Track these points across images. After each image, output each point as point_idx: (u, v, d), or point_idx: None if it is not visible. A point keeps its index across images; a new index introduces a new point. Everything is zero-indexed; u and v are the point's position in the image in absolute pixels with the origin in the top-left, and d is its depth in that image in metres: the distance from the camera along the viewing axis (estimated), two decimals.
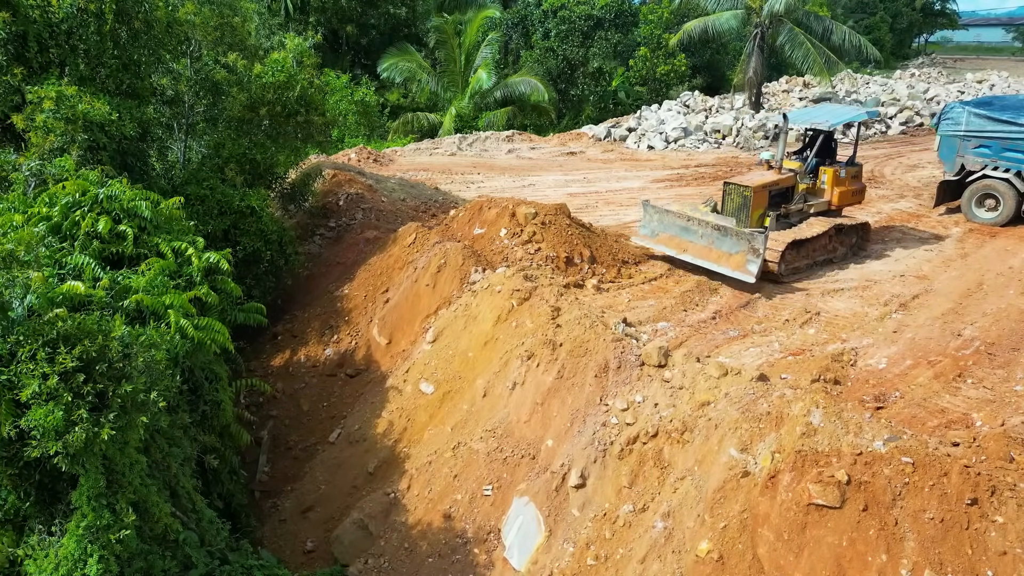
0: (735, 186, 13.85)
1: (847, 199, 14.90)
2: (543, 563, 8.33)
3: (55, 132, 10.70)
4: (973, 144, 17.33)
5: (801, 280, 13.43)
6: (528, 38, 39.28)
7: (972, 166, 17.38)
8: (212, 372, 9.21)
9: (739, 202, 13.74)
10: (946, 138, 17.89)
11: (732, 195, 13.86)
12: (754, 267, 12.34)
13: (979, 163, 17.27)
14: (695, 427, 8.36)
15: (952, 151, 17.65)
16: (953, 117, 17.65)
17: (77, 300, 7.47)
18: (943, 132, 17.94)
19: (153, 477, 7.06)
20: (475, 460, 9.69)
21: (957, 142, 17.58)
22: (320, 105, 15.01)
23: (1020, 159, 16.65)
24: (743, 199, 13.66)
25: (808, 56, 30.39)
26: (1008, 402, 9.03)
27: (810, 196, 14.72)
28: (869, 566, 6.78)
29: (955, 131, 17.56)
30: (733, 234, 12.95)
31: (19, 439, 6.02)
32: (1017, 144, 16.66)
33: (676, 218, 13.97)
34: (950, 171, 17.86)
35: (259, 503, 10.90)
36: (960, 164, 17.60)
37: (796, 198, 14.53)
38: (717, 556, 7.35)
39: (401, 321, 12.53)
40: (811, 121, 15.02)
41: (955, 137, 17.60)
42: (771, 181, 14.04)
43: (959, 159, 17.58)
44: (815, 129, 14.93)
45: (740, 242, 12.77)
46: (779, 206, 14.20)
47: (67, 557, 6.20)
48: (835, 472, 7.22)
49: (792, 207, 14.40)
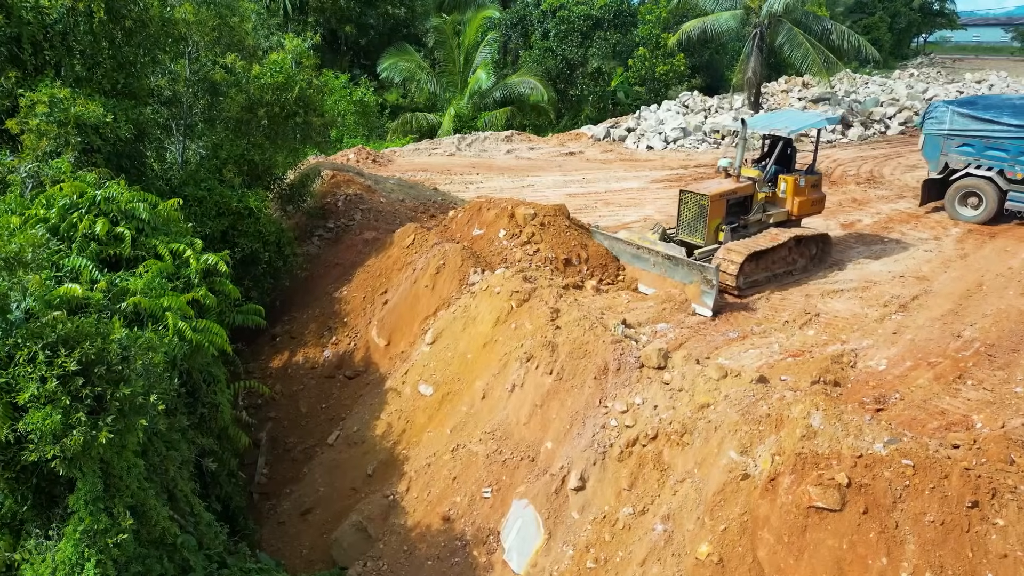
0: (692, 194, 13.21)
1: (806, 209, 14.21)
2: (542, 566, 8.31)
3: (49, 135, 10.66)
4: (957, 143, 17.65)
5: (762, 294, 12.71)
6: (527, 38, 39.27)
7: (956, 165, 17.72)
8: (210, 374, 9.18)
9: (696, 211, 13.13)
10: (930, 137, 18.22)
11: (688, 203, 13.24)
12: (709, 300, 11.65)
13: (962, 162, 17.60)
14: (695, 429, 8.34)
15: (936, 150, 17.96)
16: (937, 116, 17.95)
17: (75, 303, 7.43)
18: (927, 131, 18.30)
19: (151, 480, 7.03)
20: (474, 462, 9.66)
21: (941, 141, 17.90)
22: (319, 106, 14.97)
23: (1002, 157, 16.98)
24: (700, 208, 13.04)
25: (807, 56, 30.38)
26: (1008, 404, 9.01)
27: (769, 206, 14.01)
28: (869, 569, 6.76)
29: (939, 130, 17.88)
30: (684, 264, 12.41)
31: (16, 443, 5.98)
32: (999, 143, 16.97)
33: (625, 246, 13.44)
34: (934, 170, 18.20)
35: (258, 505, 10.87)
36: (944, 163, 17.92)
37: (755, 208, 13.80)
38: (717, 559, 7.34)
39: (400, 322, 12.51)
40: (770, 127, 14.21)
41: (939, 136, 17.94)
42: (729, 189, 13.35)
43: (943, 158, 17.90)
44: (774, 136, 14.18)
45: (692, 273, 12.14)
46: (738, 216, 13.61)
47: (64, 561, 6.17)
48: (835, 475, 7.20)
49: (751, 218, 13.74)
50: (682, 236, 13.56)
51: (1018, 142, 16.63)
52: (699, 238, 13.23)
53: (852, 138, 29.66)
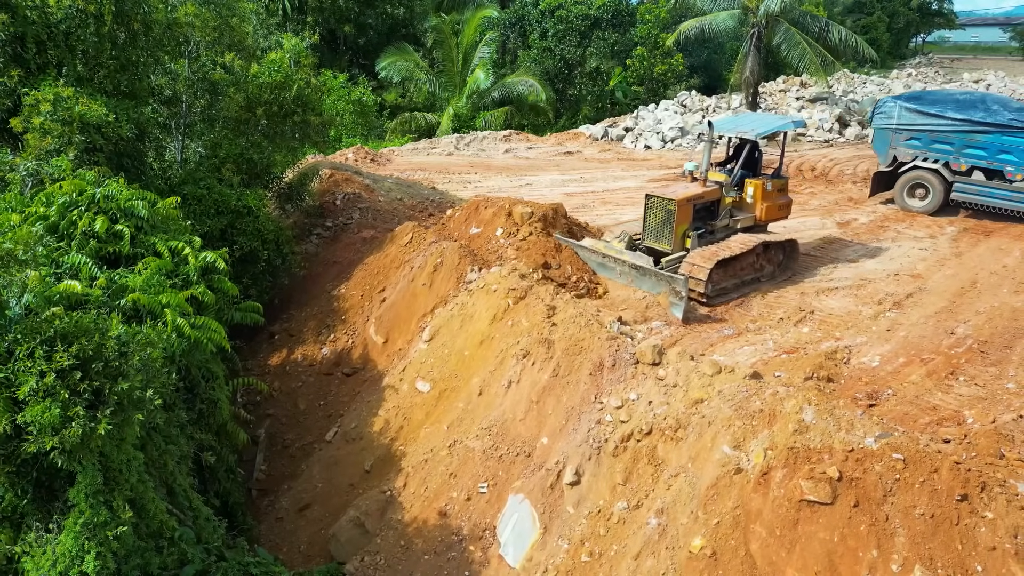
0: (658, 199, 12.74)
1: (773, 214, 13.93)
2: (538, 560, 8.39)
3: (52, 134, 10.74)
4: (904, 137, 18.36)
5: (730, 302, 12.42)
6: (526, 38, 39.34)
7: (904, 158, 18.47)
8: (209, 371, 9.25)
9: (662, 217, 12.72)
10: (879, 131, 18.89)
11: (655, 209, 12.79)
12: (679, 311, 11.42)
13: (910, 155, 18.34)
14: (689, 424, 8.42)
15: (885, 144, 18.65)
16: (886, 111, 18.61)
17: (74, 299, 7.50)
18: (877, 126, 18.96)
19: (149, 474, 7.11)
20: (471, 458, 9.74)
21: (890, 135, 18.57)
22: (317, 105, 15.04)
23: (947, 150, 17.74)
24: (666, 213, 12.63)
25: (804, 56, 30.47)
26: (1000, 399, 9.10)
27: (735, 210, 13.68)
28: (860, 561, 6.84)
29: (888, 125, 18.55)
30: (652, 275, 12.06)
31: (16, 436, 6.06)
32: (944, 136, 17.70)
33: (591, 255, 13.04)
34: (884, 163, 18.88)
35: (256, 502, 10.94)
36: (893, 156, 18.62)
37: (722, 213, 13.43)
38: (710, 552, 7.41)
39: (398, 320, 12.58)
40: (737, 130, 13.79)
41: (888, 130, 18.59)
42: (696, 194, 12.92)
43: (892, 151, 18.60)
44: (741, 139, 13.87)
45: (660, 284, 11.85)
46: (705, 221, 13.23)
47: (64, 554, 6.25)
48: (827, 469, 7.28)
49: (718, 223, 13.35)
50: (648, 243, 13.11)
51: (962, 135, 17.42)
52: (666, 244, 12.80)
53: (849, 137, 29.75)
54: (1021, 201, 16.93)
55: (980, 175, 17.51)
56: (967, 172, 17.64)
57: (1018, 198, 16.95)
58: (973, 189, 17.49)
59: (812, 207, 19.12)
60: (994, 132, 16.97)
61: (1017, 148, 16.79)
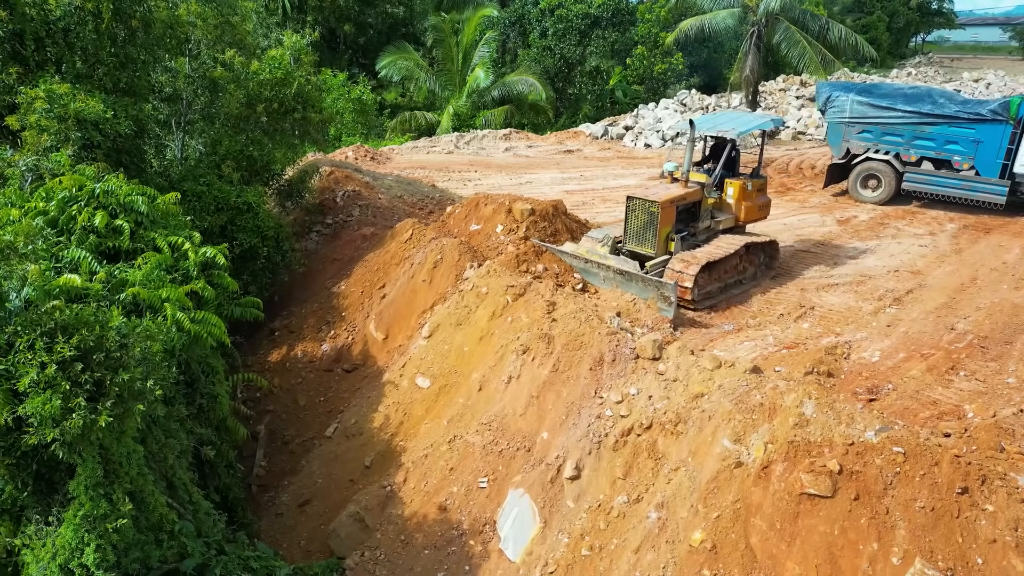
0: (640, 201, 12.28)
1: (753, 214, 13.62)
2: (538, 554, 8.38)
3: (48, 131, 10.73)
4: (857, 130, 18.99)
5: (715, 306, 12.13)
6: (525, 37, 39.32)
7: (856, 150, 19.14)
8: (208, 366, 9.25)
9: (645, 219, 12.28)
10: (833, 124, 19.46)
11: (637, 211, 12.37)
12: (669, 314, 11.09)
13: (863, 147, 19.03)
14: (689, 419, 8.42)
15: (838, 136, 19.25)
16: (838, 105, 19.14)
17: (74, 293, 7.49)
18: (830, 119, 19.46)
19: (149, 468, 7.11)
20: (471, 453, 9.73)
21: (843, 128, 19.16)
22: (317, 102, 15.03)
23: (898, 142, 18.52)
24: (649, 216, 12.20)
25: (804, 54, 30.48)
26: (1000, 394, 9.09)
27: (716, 212, 13.31)
28: (860, 554, 6.83)
29: (840, 118, 19.10)
30: (639, 280, 11.61)
31: (16, 428, 6.06)
32: (895, 128, 18.45)
33: (573, 260, 12.60)
34: (837, 155, 19.51)
35: (256, 497, 10.94)
36: (846, 148, 19.26)
37: (703, 214, 13.03)
38: (710, 546, 7.41)
39: (398, 316, 12.58)
40: (716, 128, 13.40)
41: (841, 124, 19.18)
42: (679, 195, 12.46)
43: (845, 144, 19.24)
44: (719, 138, 13.53)
45: (647, 289, 11.44)
46: (687, 223, 12.85)
47: (64, 546, 6.25)
48: (827, 462, 7.28)
49: (700, 225, 12.98)
50: (631, 246, 12.67)
51: (911, 127, 18.19)
52: (649, 248, 12.39)
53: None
54: (968, 189, 17.78)
55: (929, 165, 18.41)
56: (917, 162, 18.51)
57: (965, 186, 17.78)
58: (923, 179, 18.28)
59: (812, 205, 19.12)
60: (941, 124, 17.75)
61: (963, 139, 17.65)
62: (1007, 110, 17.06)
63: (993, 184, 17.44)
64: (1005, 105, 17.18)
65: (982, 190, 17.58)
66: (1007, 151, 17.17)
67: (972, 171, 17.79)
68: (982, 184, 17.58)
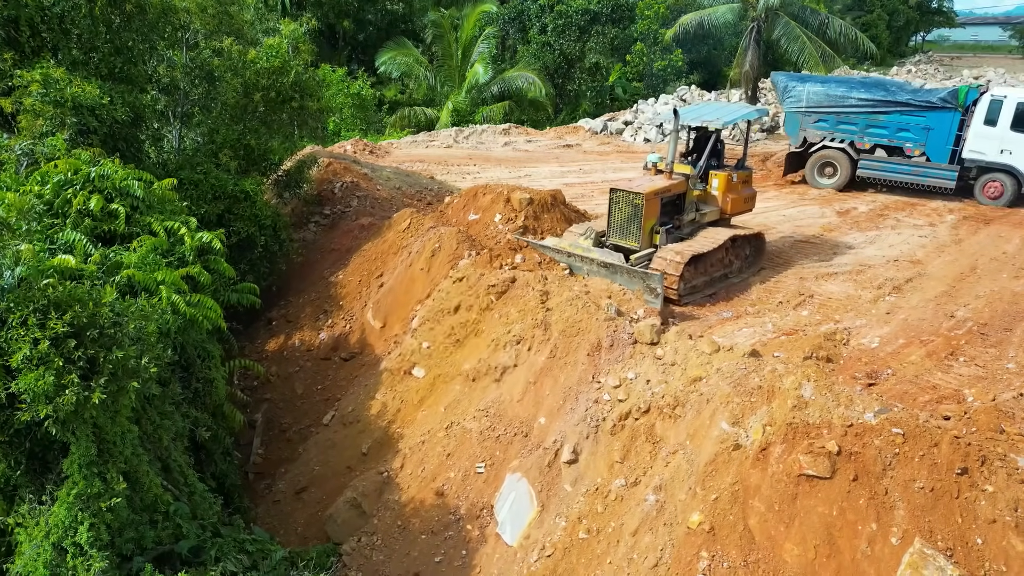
0: (624, 193, 11.98)
1: (739, 207, 13.37)
2: (535, 537, 8.34)
3: (44, 115, 10.68)
4: (813, 119, 19.57)
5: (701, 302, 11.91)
6: (525, 33, 39.28)
7: (813, 138, 19.74)
8: (204, 350, 9.20)
9: (629, 212, 11.98)
10: (790, 114, 20.03)
11: (620, 204, 12.05)
12: (656, 305, 10.83)
13: (819, 136, 19.62)
14: (687, 402, 8.37)
15: (796, 126, 19.81)
16: (795, 95, 19.70)
17: (68, 274, 7.45)
18: (787, 109, 20.03)
19: (144, 448, 7.07)
20: (468, 439, 9.68)
21: (800, 118, 19.70)
22: (314, 91, 14.97)
23: (853, 131, 19.24)
24: (633, 208, 11.90)
25: (804, 50, 30.50)
26: (1000, 379, 9.06)
27: (701, 204, 13.04)
28: (859, 535, 6.79)
29: (797, 108, 19.64)
30: (624, 272, 11.31)
31: (9, 406, 6.02)
32: (849, 117, 19.09)
33: (555, 254, 12.22)
34: (795, 143, 20.13)
35: (253, 485, 10.89)
36: (803, 137, 19.86)
37: (688, 207, 12.76)
38: (708, 527, 7.36)
39: (396, 305, 12.53)
40: (701, 119, 13.07)
41: (798, 113, 19.73)
42: (663, 187, 12.15)
43: (802, 132, 19.81)
44: (705, 128, 13.19)
45: (634, 281, 11.14)
46: (671, 216, 12.59)
47: (58, 525, 6.21)
48: (826, 443, 7.23)
49: (685, 218, 12.71)
50: (614, 240, 12.35)
51: (865, 116, 18.92)
52: (633, 241, 12.09)
53: None
54: (919, 175, 18.59)
55: (882, 152, 19.14)
56: (871, 150, 19.24)
57: (916, 172, 18.61)
58: (877, 165, 19.07)
59: (811, 196, 19.10)
60: (893, 112, 18.57)
61: (914, 126, 18.44)
62: (955, 98, 17.81)
63: (943, 169, 18.21)
64: (954, 93, 17.94)
65: (933, 175, 18.34)
66: (956, 138, 18.01)
67: (923, 157, 18.54)
68: (933, 169, 18.34)
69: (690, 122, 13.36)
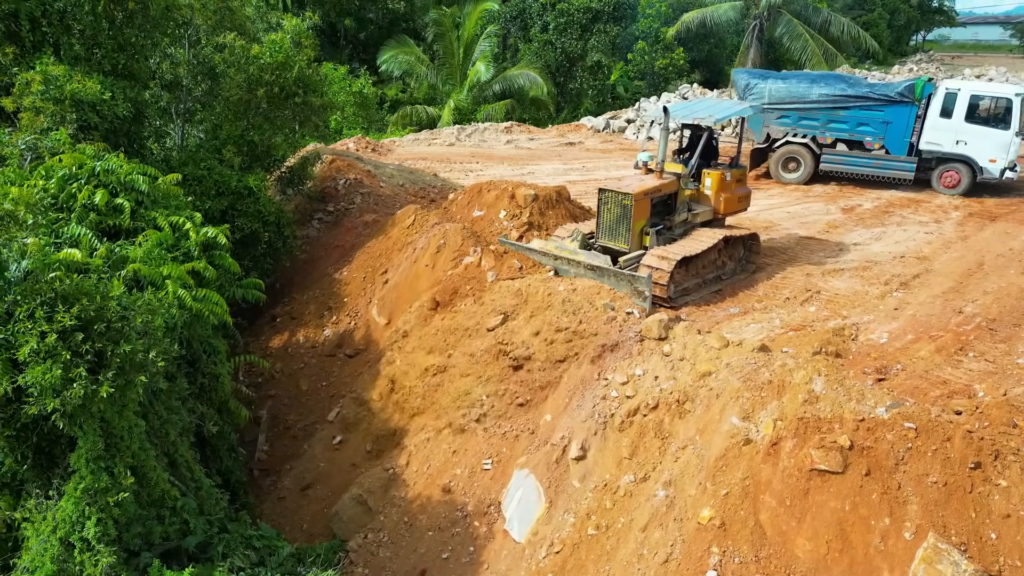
0: (613, 193, 11.67)
1: (733, 206, 12.95)
2: (543, 534, 8.28)
3: (44, 113, 10.63)
4: (776, 115, 19.91)
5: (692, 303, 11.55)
6: (527, 31, 39.23)
7: (776, 134, 20.13)
8: (210, 345, 9.15)
9: (618, 213, 11.65)
10: None
11: (609, 204, 11.74)
12: (645, 307, 10.47)
13: (782, 131, 20.00)
14: (696, 397, 8.32)
15: (759, 122, 19.79)
16: (757, 92, 20.04)
17: (74, 267, 7.40)
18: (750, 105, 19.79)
19: (151, 443, 7.01)
20: (474, 436, 9.64)
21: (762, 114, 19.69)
22: (317, 86, 14.92)
23: (815, 126, 19.61)
24: (622, 209, 11.58)
25: (806, 48, 30.49)
26: (1010, 374, 9.00)
27: (693, 204, 12.64)
28: (872, 530, 6.73)
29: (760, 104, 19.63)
30: (611, 275, 10.97)
31: (16, 399, 5.96)
32: (811, 113, 19.50)
33: (542, 257, 11.84)
34: (758, 140, 20.39)
35: (258, 481, 10.84)
36: (767, 133, 20.16)
37: (680, 206, 12.40)
38: (719, 523, 7.31)
39: (400, 301, 12.47)
40: (692, 116, 12.67)
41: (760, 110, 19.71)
42: (653, 187, 11.82)
43: (765, 129, 20.07)
44: (697, 126, 12.86)
45: (622, 283, 10.82)
46: (662, 216, 12.23)
47: (65, 519, 6.16)
48: (838, 438, 7.17)
49: (676, 218, 12.34)
50: (603, 241, 12.03)
51: (826, 112, 19.31)
52: (622, 243, 11.78)
53: None
54: (879, 167, 19.02)
55: (843, 146, 19.51)
56: (832, 144, 19.59)
57: (876, 164, 19.03)
58: (838, 159, 19.43)
59: (816, 194, 19.06)
60: (853, 107, 18.92)
61: (873, 120, 18.84)
62: (912, 91, 18.19)
63: (902, 161, 18.69)
64: (910, 87, 18.31)
65: (892, 167, 18.82)
66: (913, 130, 18.47)
67: (882, 150, 18.97)
68: (892, 162, 18.80)
69: (681, 119, 13.01)
